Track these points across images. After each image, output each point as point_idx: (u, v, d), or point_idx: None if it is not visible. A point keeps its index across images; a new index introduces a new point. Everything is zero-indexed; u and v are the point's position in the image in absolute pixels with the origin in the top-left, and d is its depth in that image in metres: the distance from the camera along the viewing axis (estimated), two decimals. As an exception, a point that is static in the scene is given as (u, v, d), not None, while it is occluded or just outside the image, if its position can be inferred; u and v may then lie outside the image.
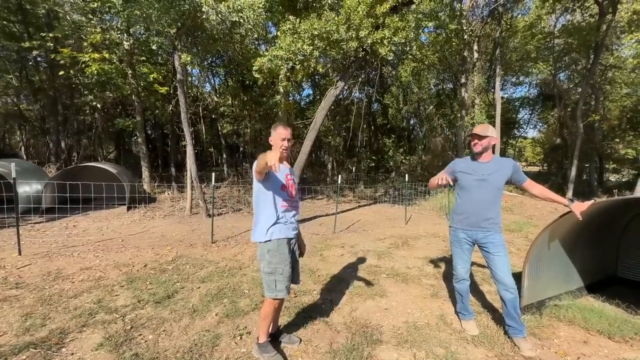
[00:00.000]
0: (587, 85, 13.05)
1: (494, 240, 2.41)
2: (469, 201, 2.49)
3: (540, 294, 2.94)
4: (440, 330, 2.65)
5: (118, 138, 16.98)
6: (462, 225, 2.53)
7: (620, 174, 19.34)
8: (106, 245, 4.93)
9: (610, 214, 3.26)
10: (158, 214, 7.48)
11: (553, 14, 14.20)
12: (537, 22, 14.39)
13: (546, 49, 15.15)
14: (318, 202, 10.27)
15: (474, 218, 2.46)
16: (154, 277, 3.64)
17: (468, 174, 2.50)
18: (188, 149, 7.29)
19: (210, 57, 12.77)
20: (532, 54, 15.42)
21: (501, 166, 2.43)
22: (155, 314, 2.81)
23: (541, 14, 14.15)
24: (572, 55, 14.75)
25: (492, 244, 2.41)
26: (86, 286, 3.35)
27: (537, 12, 14.31)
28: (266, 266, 2.09)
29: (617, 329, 2.59)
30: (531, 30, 14.35)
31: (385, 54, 5.92)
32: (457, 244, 2.59)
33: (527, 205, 9.26)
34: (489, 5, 12.71)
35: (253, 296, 3.20)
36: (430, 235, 6.07)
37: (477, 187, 2.45)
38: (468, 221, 2.49)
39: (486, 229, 2.43)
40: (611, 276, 3.63)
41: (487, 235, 2.43)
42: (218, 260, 4.34)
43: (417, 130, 19.33)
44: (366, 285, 3.56)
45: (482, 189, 2.43)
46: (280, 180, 2.11)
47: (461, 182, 2.55)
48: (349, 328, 2.67)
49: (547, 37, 14.54)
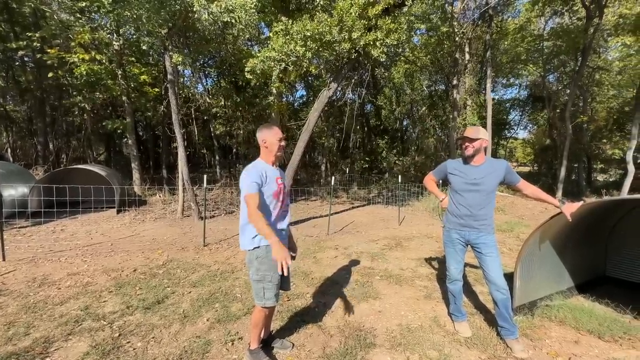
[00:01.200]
0: (575, 87, 13.30)
1: (486, 241, 2.42)
2: (462, 204, 2.48)
3: (532, 294, 2.96)
4: (433, 333, 2.64)
5: (108, 140, 16.69)
6: (456, 226, 2.53)
7: (608, 173, 19.80)
8: (95, 249, 4.82)
9: (599, 215, 3.30)
10: (149, 216, 7.36)
11: (542, 17, 14.44)
12: (527, 24, 14.62)
13: (536, 51, 15.39)
14: (311, 204, 10.24)
15: (467, 220, 2.47)
16: (144, 282, 3.56)
17: (460, 177, 2.49)
18: (179, 150, 7.20)
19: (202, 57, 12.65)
20: (522, 56, 15.65)
21: (494, 169, 2.42)
22: (145, 320, 2.74)
23: (531, 17, 14.38)
24: (561, 57, 15.02)
25: (485, 245, 2.42)
26: (73, 292, 3.26)
27: (526, 15, 14.54)
28: (254, 273, 2.04)
29: (606, 328, 2.62)
30: (521, 33, 14.57)
31: (377, 56, 5.93)
32: (451, 245, 2.59)
33: (518, 206, 9.37)
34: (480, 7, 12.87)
35: (245, 300, 3.16)
36: (424, 236, 6.09)
37: (469, 190, 2.45)
38: (461, 222, 2.50)
39: (479, 230, 2.44)
40: (601, 276, 3.68)
41: (479, 236, 2.44)
42: (210, 264, 4.27)
43: (410, 132, 19.48)
44: (360, 287, 3.55)
45: (475, 193, 2.43)
46: (271, 188, 2.04)
47: (453, 184, 2.55)
48: (342, 332, 2.65)
49: (537, 40, 14.77)
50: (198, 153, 20.05)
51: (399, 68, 15.58)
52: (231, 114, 14.25)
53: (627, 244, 3.54)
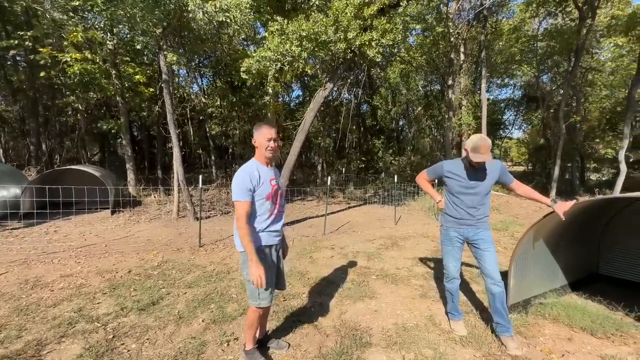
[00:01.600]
0: (568, 87, 13.45)
1: (484, 237, 2.48)
2: (459, 205, 2.51)
3: (526, 292, 2.99)
4: (429, 331, 2.66)
5: (102, 140, 16.55)
6: (454, 224, 2.56)
7: (601, 173, 20.05)
8: (88, 250, 4.77)
9: (591, 213, 3.34)
10: (144, 217, 7.31)
11: (536, 18, 14.59)
12: (521, 25, 14.77)
13: (530, 52, 15.55)
14: (308, 204, 10.23)
15: (465, 219, 2.51)
16: (139, 283, 3.54)
17: (456, 181, 2.49)
18: (175, 150, 7.15)
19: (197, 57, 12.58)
20: (516, 56, 15.81)
21: (490, 170, 2.45)
22: (139, 321, 2.72)
23: (525, 18, 14.53)
24: (555, 58, 15.20)
25: (483, 240, 2.47)
26: (66, 294, 3.23)
27: (521, 16, 14.68)
28: (248, 274, 2.02)
29: (599, 325, 2.66)
30: (515, 34, 14.72)
31: (373, 56, 5.95)
32: (449, 243, 2.60)
33: (512, 205, 9.45)
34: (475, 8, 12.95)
35: (241, 301, 3.15)
36: (420, 236, 6.11)
37: (467, 193, 2.47)
38: (459, 221, 2.53)
39: (477, 226, 2.49)
40: (593, 273, 3.72)
41: (477, 232, 2.49)
42: (206, 265, 4.25)
43: (406, 131, 19.56)
44: (356, 287, 3.55)
45: (472, 196, 2.47)
46: (265, 190, 2.01)
47: (450, 186, 2.55)
48: (338, 331, 2.65)
49: (531, 40, 14.93)
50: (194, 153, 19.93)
51: (394, 68, 15.63)
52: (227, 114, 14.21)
53: (620, 242, 3.58)
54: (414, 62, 15.27)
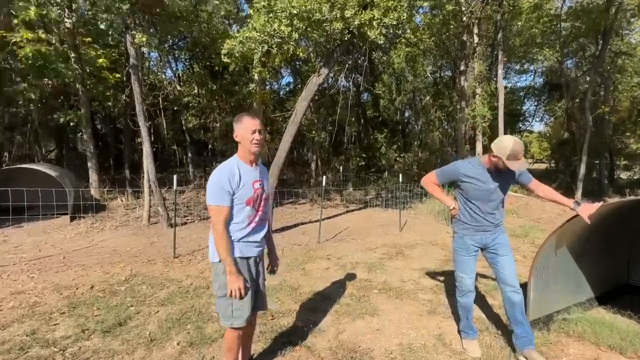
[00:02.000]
0: (595, 73, 13.68)
1: (501, 241, 2.56)
2: (477, 211, 2.54)
3: (548, 307, 3.03)
4: (438, 353, 2.68)
5: (60, 134, 16.35)
6: (470, 232, 2.60)
7: (632, 171, 20.36)
8: (44, 263, 4.73)
9: (621, 217, 3.39)
10: (109, 224, 7.28)
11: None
12: (543, 3, 14.91)
13: (552, 33, 15.73)
14: (300, 207, 10.24)
15: (483, 225, 2.56)
16: (103, 301, 3.52)
17: (475, 185, 2.50)
18: (145, 146, 7.11)
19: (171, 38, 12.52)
20: (537, 38, 15.98)
21: (510, 170, 2.47)
22: (104, 345, 2.71)
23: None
24: (580, 40, 15.39)
25: (501, 245, 2.55)
26: (17, 315, 3.20)
27: (542, -8, 14.84)
28: (221, 288, 1.97)
29: (629, 343, 2.71)
30: (536, 12, 14.84)
31: (374, 37, 5.97)
32: (465, 252, 2.63)
33: (533, 207, 9.58)
34: (490, -17, 13.08)
35: (222, 320, 3.14)
36: (428, 243, 6.17)
37: (487, 197, 2.51)
38: (476, 227, 2.57)
39: (494, 231, 2.56)
40: (623, 284, 3.79)
41: (495, 237, 2.56)
42: (181, 278, 4.25)
43: (413, 124, 19.67)
44: (355, 302, 3.57)
45: (492, 200, 2.52)
46: (245, 194, 1.97)
47: (466, 191, 2.57)
48: (334, 354, 2.66)
49: (554, 20, 15.09)
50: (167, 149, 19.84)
51: (399, 52, 15.69)
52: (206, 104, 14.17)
53: (653, 249, 3.65)
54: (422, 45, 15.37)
